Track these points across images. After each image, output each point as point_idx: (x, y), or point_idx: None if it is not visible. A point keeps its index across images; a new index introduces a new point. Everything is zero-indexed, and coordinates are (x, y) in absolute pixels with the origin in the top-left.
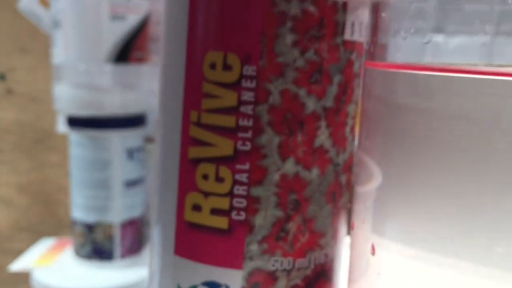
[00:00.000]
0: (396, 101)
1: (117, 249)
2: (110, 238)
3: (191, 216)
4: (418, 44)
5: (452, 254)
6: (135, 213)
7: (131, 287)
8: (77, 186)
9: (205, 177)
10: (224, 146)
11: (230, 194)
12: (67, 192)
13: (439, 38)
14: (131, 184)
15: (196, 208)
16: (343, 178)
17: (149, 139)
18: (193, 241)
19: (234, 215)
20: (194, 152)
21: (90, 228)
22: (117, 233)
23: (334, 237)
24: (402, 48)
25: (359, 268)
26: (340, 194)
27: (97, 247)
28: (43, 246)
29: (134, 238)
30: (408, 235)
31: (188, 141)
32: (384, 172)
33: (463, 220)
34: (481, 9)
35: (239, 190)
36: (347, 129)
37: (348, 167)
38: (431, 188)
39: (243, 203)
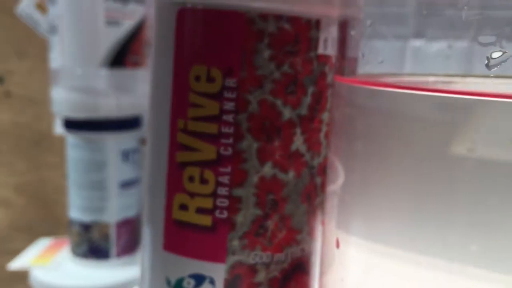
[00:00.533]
0: (357, 108)
1: (113, 248)
2: (106, 238)
3: (178, 214)
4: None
5: (406, 248)
6: (131, 213)
7: (127, 285)
8: (74, 187)
9: (191, 179)
10: (208, 151)
11: (214, 195)
12: (64, 192)
13: (417, 43)
14: (127, 185)
15: (183, 207)
16: (318, 180)
17: (144, 141)
18: (180, 238)
19: (217, 213)
20: (181, 156)
21: (86, 227)
22: (113, 233)
23: (310, 233)
24: (370, 61)
25: (327, 261)
26: (315, 195)
27: (93, 246)
28: (41, 245)
29: (130, 237)
30: (369, 230)
31: (175, 146)
32: (346, 172)
33: (419, 217)
34: (459, 15)
35: (222, 191)
36: (322, 135)
37: (323, 170)
38: (391, 187)
39: (225, 202)
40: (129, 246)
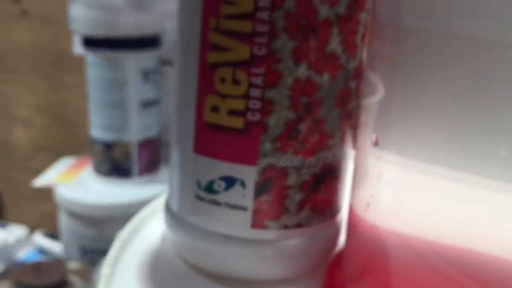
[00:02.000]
0: (400, 23)
1: (135, 167)
2: (128, 157)
3: (209, 117)
4: None
5: (446, 163)
6: (152, 133)
7: (148, 202)
8: (95, 106)
9: (222, 80)
10: (241, 51)
11: (246, 96)
12: (84, 113)
13: None
14: (147, 104)
15: (215, 109)
16: (353, 84)
17: (164, 61)
18: (211, 140)
19: (249, 115)
20: (213, 56)
21: (108, 146)
22: (134, 152)
23: (342, 139)
24: None
25: (361, 174)
26: (349, 99)
27: (115, 165)
28: (64, 164)
29: (151, 157)
30: (407, 145)
31: (207, 46)
32: (386, 87)
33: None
34: None
35: (255, 92)
36: (358, 37)
37: (358, 74)
38: (430, 104)
39: (258, 104)
40: (151, 165)
